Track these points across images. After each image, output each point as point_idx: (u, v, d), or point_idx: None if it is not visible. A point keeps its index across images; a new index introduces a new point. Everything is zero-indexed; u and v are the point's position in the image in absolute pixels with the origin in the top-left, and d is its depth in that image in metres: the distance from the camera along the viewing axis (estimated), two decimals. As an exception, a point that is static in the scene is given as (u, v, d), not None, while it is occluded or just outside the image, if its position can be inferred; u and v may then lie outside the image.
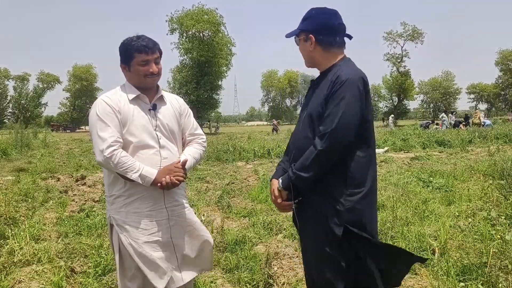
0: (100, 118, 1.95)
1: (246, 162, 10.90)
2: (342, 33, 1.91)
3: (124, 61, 2.05)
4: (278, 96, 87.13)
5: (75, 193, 6.54)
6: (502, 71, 67.99)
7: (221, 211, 5.30)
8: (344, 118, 1.69)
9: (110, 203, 2.06)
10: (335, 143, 1.70)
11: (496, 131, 16.19)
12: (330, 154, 1.72)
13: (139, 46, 2.00)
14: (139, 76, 2.04)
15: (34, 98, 64.27)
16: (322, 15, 1.90)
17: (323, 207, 1.79)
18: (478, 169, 7.46)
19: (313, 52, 1.92)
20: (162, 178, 1.97)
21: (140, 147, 2.01)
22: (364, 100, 1.76)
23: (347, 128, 1.70)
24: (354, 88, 1.72)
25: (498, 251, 3.09)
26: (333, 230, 1.74)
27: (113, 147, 1.89)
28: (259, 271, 3.19)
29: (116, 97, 2.03)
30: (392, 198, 5.21)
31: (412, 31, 48.02)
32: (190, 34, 41.23)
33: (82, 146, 18.17)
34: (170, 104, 2.20)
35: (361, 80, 1.75)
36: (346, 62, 1.88)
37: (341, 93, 1.72)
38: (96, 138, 1.93)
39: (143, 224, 2.00)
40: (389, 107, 55.49)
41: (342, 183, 1.75)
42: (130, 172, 1.91)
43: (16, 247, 3.61)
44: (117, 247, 2.02)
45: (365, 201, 1.76)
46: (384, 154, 11.56)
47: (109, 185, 2.05)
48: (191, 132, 2.29)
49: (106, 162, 1.89)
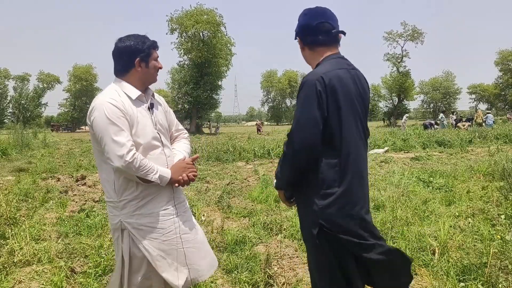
0: (112, 121, 1.88)
1: (246, 162, 10.91)
2: (324, 31, 1.88)
3: (143, 57, 2.04)
4: (278, 96, 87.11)
5: (75, 193, 6.55)
6: (502, 71, 67.98)
7: (221, 211, 5.30)
8: (300, 120, 1.71)
9: (119, 208, 2.00)
10: (294, 145, 1.71)
11: (496, 131, 16.20)
12: (293, 156, 1.74)
13: (154, 43, 2.08)
14: (155, 71, 2.09)
15: (34, 98, 64.26)
16: (304, 16, 1.93)
17: (304, 207, 1.84)
18: (478, 169, 7.46)
19: (303, 53, 1.99)
20: (179, 176, 2.01)
21: (149, 148, 2.01)
22: (324, 101, 1.69)
23: (303, 130, 1.70)
24: (310, 89, 1.71)
25: (498, 251, 3.09)
26: (311, 230, 1.77)
27: (132, 151, 1.87)
28: (259, 271, 3.19)
29: (119, 99, 1.97)
30: (392, 198, 5.21)
31: (412, 31, 48.04)
32: (190, 34, 41.24)
33: (82, 146, 18.18)
34: (158, 102, 2.22)
35: (320, 80, 1.70)
36: (328, 60, 1.86)
37: (300, 95, 1.76)
38: (111, 143, 1.86)
39: (159, 224, 2.02)
40: (389, 107, 55.42)
41: (316, 184, 1.75)
42: (151, 174, 1.91)
43: (16, 247, 3.61)
44: (128, 252, 2.00)
45: (339, 201, 1.72)
46: (384, 154, 11.57)
47: (118, 190, 1.99)
48: (176, 128, 2.31)
49: (128, 167, 1.85)
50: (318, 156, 1.73)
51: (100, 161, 2.01)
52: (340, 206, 1.72)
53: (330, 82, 1.71)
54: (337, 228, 1.72)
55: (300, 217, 1.92)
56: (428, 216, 4.56)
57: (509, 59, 65.76)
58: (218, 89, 44.63)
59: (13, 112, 65.05)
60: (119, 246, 2.03)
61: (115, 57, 2.07)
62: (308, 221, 1.80)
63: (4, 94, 64.92)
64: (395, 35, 49.07)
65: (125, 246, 2.01)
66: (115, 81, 2.07)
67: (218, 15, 41.87)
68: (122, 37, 2.07)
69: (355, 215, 1.77)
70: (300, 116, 1.71)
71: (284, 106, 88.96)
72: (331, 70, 1.77)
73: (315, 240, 1.75)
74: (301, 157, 1.72)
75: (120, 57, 2.05)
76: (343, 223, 1.73)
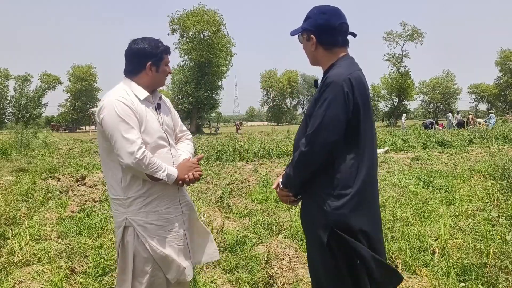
0: (122, 119, 1.91)
1: (246, 162, 10.91)
2: (344, 32, 1.88)
3: (155, 61, 2.07)
4: (278, 96, 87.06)
5: (75, 193, 6.55)
6: (502, 71, 67.96)
7: (221, 211, 5.30)
8: (325, 120, 1.68)
9: (125, 206, 2.02)
10: (315, 144, 1.70)
11: (496, 131, 16.20)
12: (312, 155, 1.72)
13: (167, 48, 2.11)
14: (164, 75, 2.13)
15: (35, 99, 64.24)
16: (323, 15, 1.86)
17: (312, 207, 1.82)
18: (479, 170, 7.47)
19: (315, 52, 1.91)
20: (184, 175, 2.05)
21: (156, 147, 2.04)
22: (350, 103, 1.70)
23: (327, 130, 1.68)
24: (338, 90, 1.69)
25: (498, 251, 3.09)
26: (320, 232, 1.74)
27: (142, 149, 1.90)
28: (259, 271, 3.19)
29: (129, 97, 2.01)
30: (393, 198, 5.21)
31: (412, 31, 48.02)
32: (191, 35, 41.26)
33: (82, 146, 18.19)
34: (165, 103, 2.26)
35: (347, 81, 1.70)
36: (343, 61, 1.85)
37: (325, 95, 1.72)
38: (122, 140, 1.89)
39: (164, 221, 2.05)
40: (389, 107, 55.41)
41: (329, 184, 1.74)
42: (159, 171, 1.94)
43: (16, 247, 3.61)
44: (132, 250, 2.01)
45: (352, 203, 1.71)
46: (384, 154, 11.56)
47: (125, 187, 2.01)
48: (180, 129, 2.35)
49: (138, 164, 1.88)
50: (336, 156, 1.73)
51: (107, 159, 2.04)
52: (353, 206, 1.72)
53: (356, 84, 1.72)
54: (348, 229, 1.71)
55: (307, 218, 1.88)
56: (428, 216, 4.56)
57: (509, 59, 65.74)
58: (219, 89, 44.63)
59: (13, 112, 65.03)
60: (125, 244, 2.03)
61: (127, 58, 2.10)
62: (317, 223, 1.77)
63: (4, 94, 64.91)
64: (394, 35, 49.07)
65: (129, 243, 2.02)
66: (124, 81, 2.10)
67: (219, 15, 41.93)
68: (137, 39, 2.10)
69: (370, 219, 1.78)
70: (325, 115, 1.69)
71: (284, 106, 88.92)
72: (353, 71, 1.77)
73: (325, 243, 1.73)
74: (320, 157, 1.72)
75: (132, 58, 2.08)
76: (355, 224, 1.72)
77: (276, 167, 9.71)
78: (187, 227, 2.18)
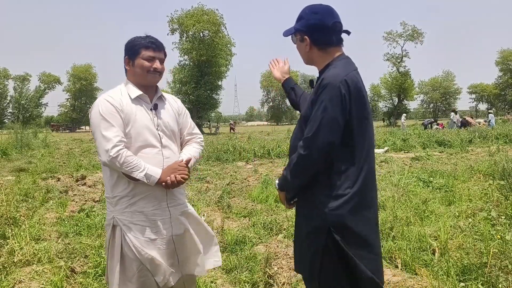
0: (103, 117, 1.94)
1: (246, 162, 10.90)
2: (338, 31, 1.85)
3: (130, 56, 2.08)
4: (278, 96, 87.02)
5: (75, 193, 6.55)
6: (502, 71, 67.94)
7: (221, 211, 5.30)
8: (323, 123, 1.66)
9: (113, 204, 2.04)
10: (314, 148, 1.68)
11: (496, 131, 16.20)
12: (311, 159, 1.70)
13: (147, 42, 2.07)
14: (142, 71, 2.06)
15: (35, 99, 64.21)
16: (315, 15, 1.83)
17: (311, 209, 1.79)
18: (479, 169, 7.46)
19: (310, 53, 1.89)
20: (167, 177, 2.00)
21: (143, 147, 2.02)
22: (347, 104, 1.68)
23: (325, 133, 1.67)
24: (335, 92, 1.67)
25: (498, 251, 3.09)
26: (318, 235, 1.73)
27: (118, 147, 1.90)
28: (259, 271, 3.19)
29: (118, 96, 2.02)
30: (393, 198, 5.21)
31: (412, 31, 48.00)
32: (190, 34, 41.24)
33: (82, 146, 18.18)
34: (169, 104, 2.22)
35: (344, 83, 1.68)
36: (339, 61, 1.82)
37: (322, 97, 1.69)
38: (100, 138, 1.92)
39: (149, 222, 2.02)
40: (389, 107, 55.38)
41: (328, 186, 1.73)
42: (136, 171, 1.92)
43: (16, 247, 3.60)
44: (119, 250, 2.00)
45: (351, 203, 1.70)
46: (384, 154, 11.57)
47: (112, 186, 2.03)
48: (189, 131, 2.31)
49: (112, 162, 1.89)
50: (334, 158, 1.72)
51: None
52: (352, 207, 1.70)
53: (352, 85, 1.70)
54: (345, 230, 1.70)
55: (302, 220, 1.87)
56: (428, 216, 4.56)
57: (509, 59, 65.71)
58: (218, 89, 44.62)
59: (13, 112, 65.00)
60: (113, 243, 2.04)
61: None
62: (314, 225, 1.76)
63: (4, 94, 64.88)
64: (394, 35, 49.05)
65: (117, 243, 2.02)
66: (125, 81, 2.14)
67: (219, 15, 41.91)
68: None
69: (366, 221, 1.76)
70: (323, 118, 1.67)
71: (284, 106, 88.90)
72: (349, 72, 1.75)
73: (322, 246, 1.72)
74: (319, 160, 1.70)
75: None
76: (352, 225, 1.70)
77: (276, 167, 9.71)
78: (179, 232, 2.11)
